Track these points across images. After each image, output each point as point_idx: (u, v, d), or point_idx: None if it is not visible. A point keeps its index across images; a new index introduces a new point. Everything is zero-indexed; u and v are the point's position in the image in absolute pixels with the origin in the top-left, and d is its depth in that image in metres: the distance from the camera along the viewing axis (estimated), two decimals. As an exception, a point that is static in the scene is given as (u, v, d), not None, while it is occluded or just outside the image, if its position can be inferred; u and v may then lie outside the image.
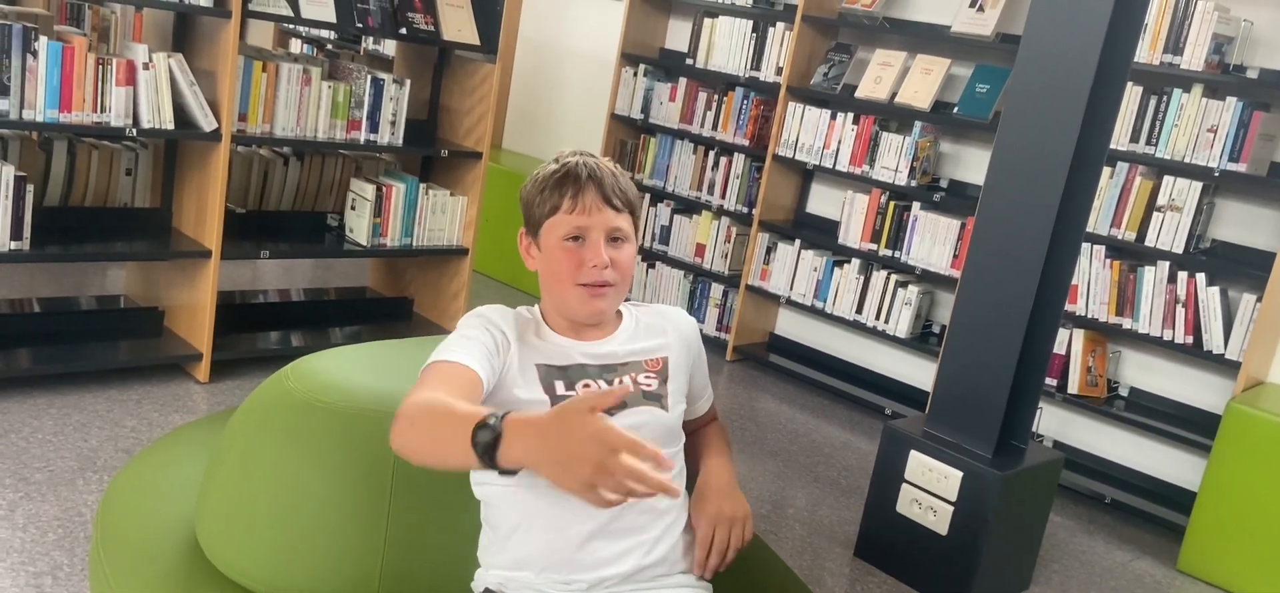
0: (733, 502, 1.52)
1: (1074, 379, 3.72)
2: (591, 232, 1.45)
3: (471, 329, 1.42)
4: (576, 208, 1.45)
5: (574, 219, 1.45)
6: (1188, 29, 3.41)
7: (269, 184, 3.78)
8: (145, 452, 1.78)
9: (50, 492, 2.59)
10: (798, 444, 3.84)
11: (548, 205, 1.47)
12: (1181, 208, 3.47)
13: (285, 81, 3.33)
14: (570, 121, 5.58)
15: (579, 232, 1.45)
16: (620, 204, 1.48)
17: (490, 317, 1.45)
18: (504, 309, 1.49)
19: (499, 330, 1.43)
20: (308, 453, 1.48)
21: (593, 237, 1.45)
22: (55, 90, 2.88)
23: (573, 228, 1.45)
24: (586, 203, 1.45)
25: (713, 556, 1.48)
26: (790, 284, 4.48)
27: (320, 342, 3.78)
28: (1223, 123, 3.38)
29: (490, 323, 1.44)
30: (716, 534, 1.48)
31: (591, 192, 1.45)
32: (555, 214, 1.46)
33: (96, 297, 3.91)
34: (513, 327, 1.46)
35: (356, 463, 1.47)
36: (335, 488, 1.46)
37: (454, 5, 3.74)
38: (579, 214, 1.45)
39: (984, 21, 3.94)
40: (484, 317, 1.45)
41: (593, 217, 1.45)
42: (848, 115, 4.27)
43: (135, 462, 1.74)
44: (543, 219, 1.48)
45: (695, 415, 1.65)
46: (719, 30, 4.68)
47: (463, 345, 1.38)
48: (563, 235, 1.46)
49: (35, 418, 2.96)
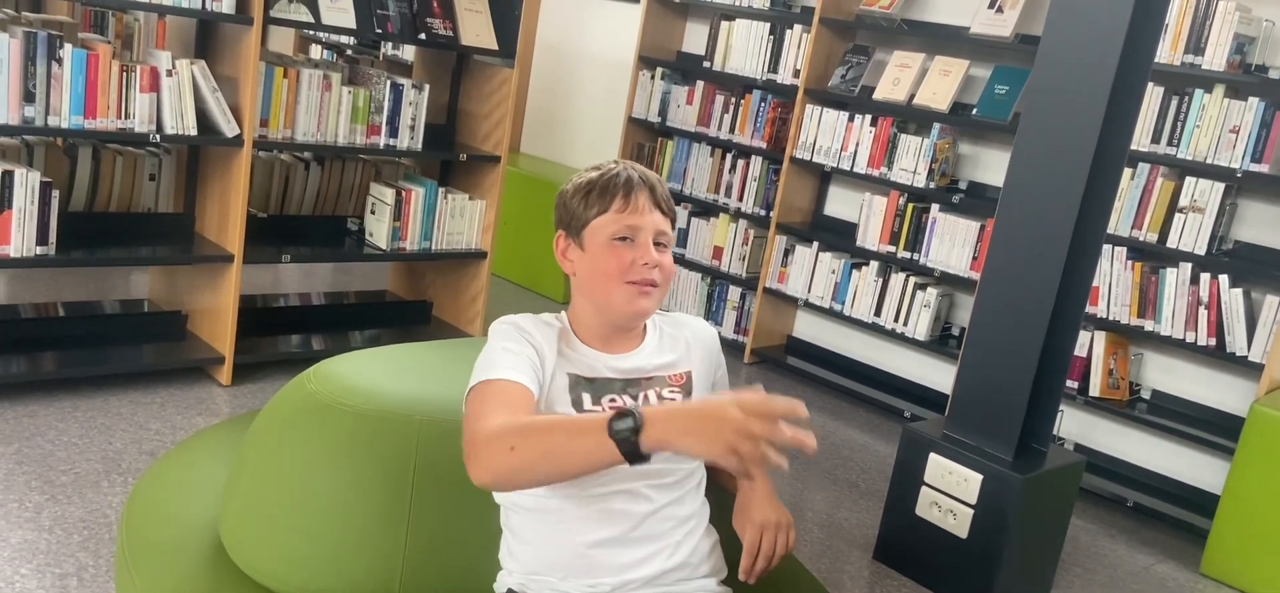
0: (776, 510, 1.53)
1: (1095, 382, 3.70)
2: (641, 232, 1.47)
3: (512, 341, 1.43)
4: (628, 208, 1.47)
5: (625, 218, 1.47)
6: (1209, 29, 3.38)
7: (290, 189, 3.82)
8: (169, 454, 1.80)
9: (76, 494, 2.62)
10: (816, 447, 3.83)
11: (596, 207, 1.48)
12: (1203, 209, 3.45)
13: (306, 87, 3.36)
14: (588, 125, 5.60)
15: (629, 231, 1.47)
16: (666, 210, 1.51)
17: (525, 327, 1.46)
18: (534, 319, 1.49)
19: (537, 341, 1.44)
20: (330, 455, 1.49)
21: (642, 237, 1.47)
22: (80, 97, 2.91)
23: (623, 227, 1.47)
24: (638, 204, 1.47)
25: (759, 560, 1.50)
26: (808, 286, 4.47)
27: (341, 345, 3.81)
28: (1245, 123, 3.34)
29: (527, 334, 1.45)
30: (763, 540, 1.50)
31: (643, 194, 1.48)
32: (604, 215, 1.48)
33: (120, 301, 3.95)
34: (545, 336, 1.47)
35: (378, 465, 1.48)
36: (357, 490, 1.47)
37: (472, 10, 3.76)
38: (630, 214, 1.47)
39: (1003, 22, 3.92)
40: (520, 327, 1.45)
41: (643, 217, 1.47)
42: (866, 117, 4.26)
43: (159, 464, 1.76)
44: (589, 220, 1.49)
45: None
46: (736, 33, 4.68)
47: (510, 361, 1.39)
48: (612, 235, 1.47)
49: (61, 421, 2.99)
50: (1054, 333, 2.74)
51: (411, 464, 1.48)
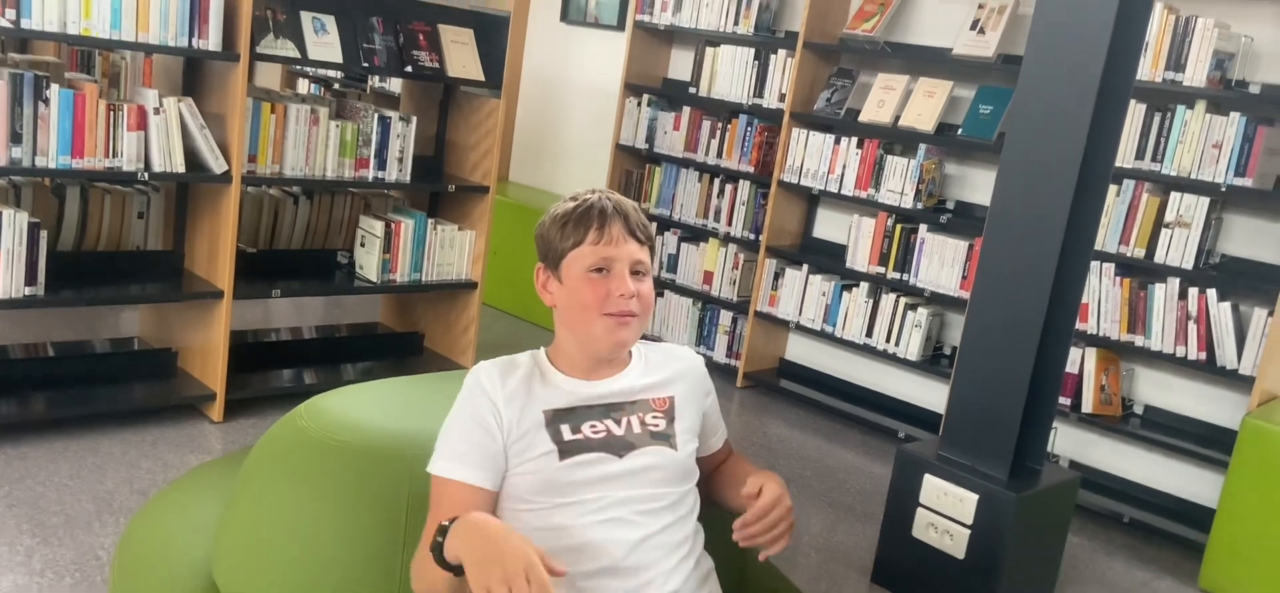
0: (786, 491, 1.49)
1: (1088, 398, 3.71)
2: (617, 262, 1.47)
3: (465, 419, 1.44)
4: (602, 239, 1.47)
5: (600, 250, 1.47)
6: (1188, 46, 3.42)
7: (279, 223, 3.81)
8: (161, 494, 1.79)
9: (67, 536, 2.60)
10: (811, 470, 3.82)
11: (571, 239, 1.48)
12: (1190, 224, 3.47)
13: (293, 122, 3.37)
14: (576, 153, 5.62)
15: (604, 263, 1.47)
16: (643, 238, 1.51)
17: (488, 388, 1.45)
18: (506, 365, 1.49)
19: (498, 401, 1.44)
20: (322, 492, 1.48)
21: (618, 268, 1.47)
22: (67, 137, 2.91)
23: (599, 259, 1.47)
24: (612, 234, 1.47)
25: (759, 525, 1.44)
26: (799, 309, 4.48)
27: (333, 379, 3.80)
28: (1227, 138, 3.38)
29: (489, 397, 1.44)
30: (776, 510, 1.45)
31: (617, 224, 1.48)
32: (579, 246, 1.48)
33: (110, 340, 3.93)
34: (507, 389, 1.45)
35: (371, 500, 1.47)
36: (350, 526, 1.46)
37: (458, 42, 3.78)
38: (605, 245, 1.47)
39: (985, 43, 3.96)
40: (482, 390, 1.45)
41: (618, 248, 1.47)
42: (852, 139, 4.29)
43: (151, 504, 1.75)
44: (566, 252, 1.49)
45: (710, 451, 1.65)
46: (721, 59, 4.71)
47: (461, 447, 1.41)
48: (588, 267, 1.47)
49: (51, 462, 2.97)
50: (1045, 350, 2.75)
51: (405, 500, 1.47)
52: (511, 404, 1.44)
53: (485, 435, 1.43)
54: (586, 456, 1.43)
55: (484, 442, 1.42)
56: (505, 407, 1.44)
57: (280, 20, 3.29)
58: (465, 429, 1.43)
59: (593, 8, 5.48)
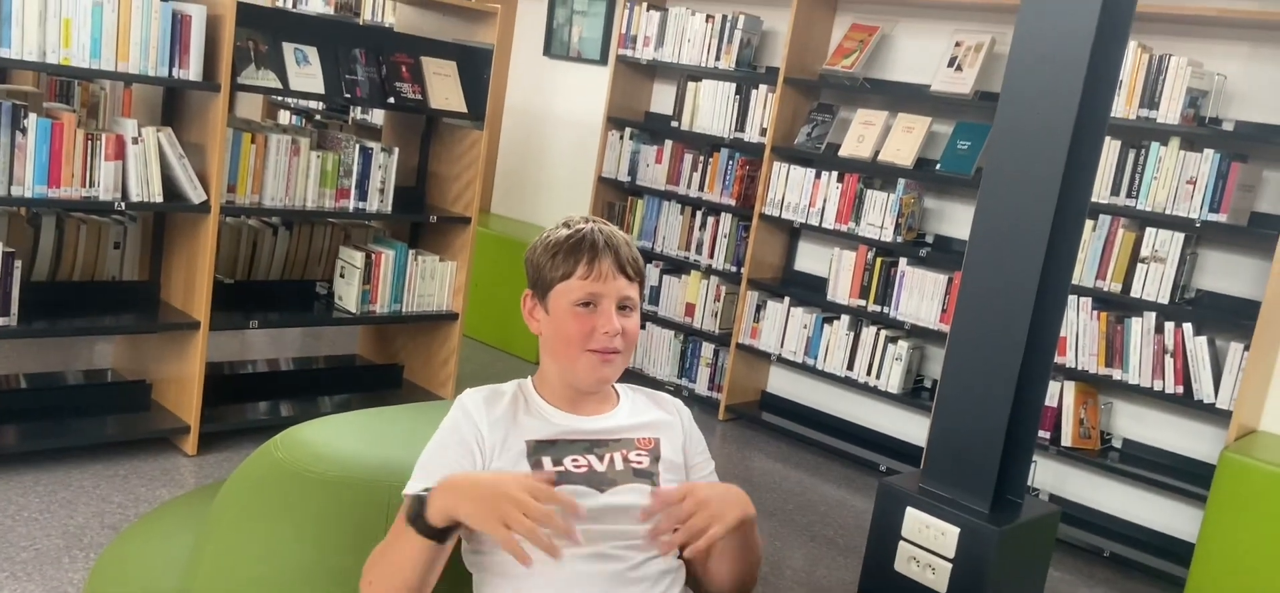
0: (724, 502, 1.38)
1: (1067, 432, 3.72)
2: (604, 299, 1.46)
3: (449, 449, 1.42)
4: (591, 274, 1.45)
5: (588, 285, 1.45)
6: (1162, 84, 3.47)
7: (258, 254, 3.79)
8: (131, 528, 1.76)
9: (36, 571, 2.54)
10: (793, 503, 3.81)
11: (561, 270, 1.47)
12: (1165, 259, 3.51)
13: (274, 152, 3.36)
14: (558, 185, 5.62)
15: (592, 297, 1.46)
16: (633, 273, 1.49)
17: (473, 415, 1.44)
18: (491, 394, 1.48)
19: (473, 429, 1.43)
20: (297, 524, 1.46)
21: (605, 304, 1.46)
22: (44, 166, 2.89)
23: (586, 294, 1.45)
24: (601, 270, 1.45)
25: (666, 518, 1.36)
26: (781, 342, 4.49)
27: (310, 411, 3.76)
28: (1201, 174, 3.42)
29: (460, 429, 1.43)
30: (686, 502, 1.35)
31: (607, 259, 1.46)
32: (568, 279, 1.46)
33: (84, 371, 3.88)
34: (491, 416, 1.44)
35: (346, 533, 1.45)
36: (325, 559, 1.44)
37: (441, 74, 3.79)
38: (594, 280, 1.45)
39: (962, 80, 4.01)
40: (468, 417, 1.44)
41: (607, 284, 1.46)
42: (832, 173, 4.32)
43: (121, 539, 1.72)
44: (554, 283, 1.48)
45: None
46: (703, 93, 4.74)
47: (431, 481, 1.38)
48: (575, 301, 1.46)
49: (21, 496, 2.92)
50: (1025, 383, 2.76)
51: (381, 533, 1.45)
52: (495, 430, 1.43)
53: (465, 455, 1.41)
54: (566, 489, 1.42)
55: (463, 461, 1.41)
56: (489, 432, 1.43)
57: (262, 51, 3.29)
58: (445, 448, 1.42)
59: (576, 42, 5.52)
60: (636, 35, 4.90)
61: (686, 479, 1.57)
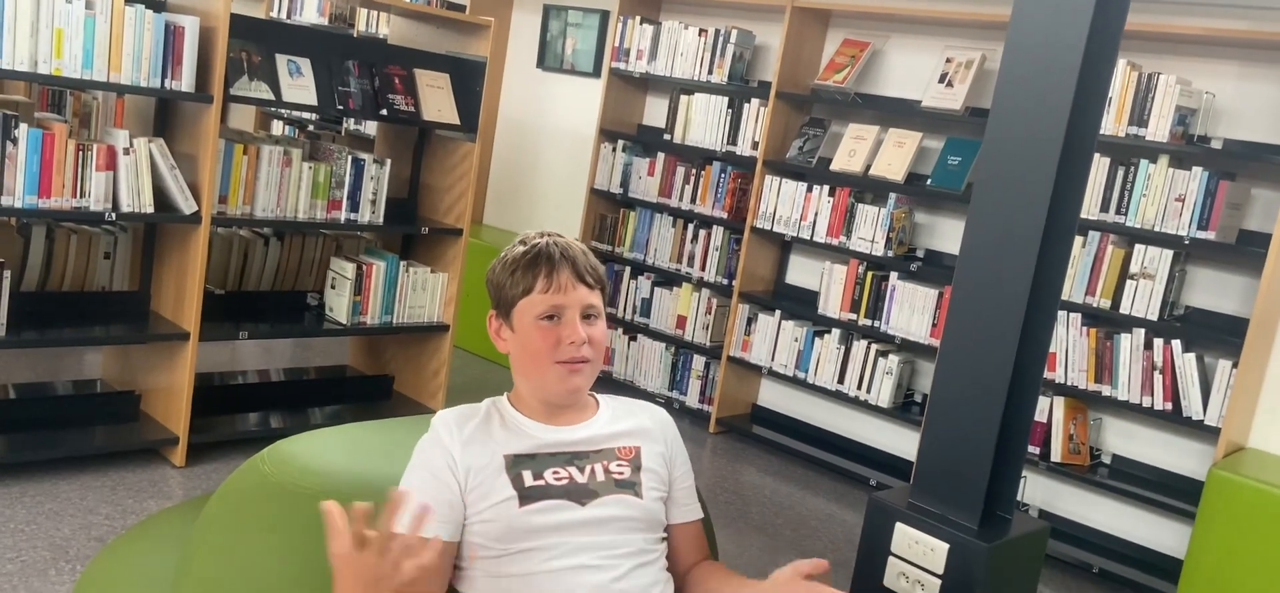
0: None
1: (1057, 447, 3.73)
2: (567, 309, 1.46)
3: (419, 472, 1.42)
4: (551, 286, 1.46)
5: (550, 298, 1.46)
6: (1151, 102, 3.49)
7: (249, 264, 3.78)
8: (117, 541, 1.75)
9: (21, 583, 2.53)
10: (783, 517, 3.81)
11: (521, 286, 1.47)
12: (1154, 276, 3.52)
13: (266, 163, 3.35)
14: (550, 197, 5.63)
15: (555, 310, 1.46)
16: (593, 281, 1.49)
17: (444, 441, 1.43)
18: (464, 414, 1.47)
19: (444, 457, 1.42)
20: (283, 539, 1.46)
21: (568, 314, 1.46)
22: (34, 176, 2.88)
23: (548, 307, 1.46)
24: (561, 281, 1.46)
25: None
26: (772, 355, 4.49)
27: (300, 422, 3.74)
28: (1190, 192, 3.44)
29: (430, 460, 1.43)
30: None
31: (566, 270, 1.47)
32: (529, 295, 1.47)
33: (73, 381, 3.86)
34: (464, 434, 1.44)
35: (334, 549, 1.44)
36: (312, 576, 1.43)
37: (434, 86, 3.79)
38: (554, 293, 1.46)
39: (953, 96, 4.03)
40: (425, 452, 1.44)
41: (568, 295, 1.46)
42: (824, 187, 4.33)
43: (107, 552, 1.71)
44: (516, 300, 1.48)
45: (683, 520, 1.60)
46: (695, 106, 4.75)
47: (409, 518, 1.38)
48: (538, 314, 1.46)
49: (7, 507, 2.90)
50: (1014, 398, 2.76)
51: (369, 547, 1.44)
52: (469, 450, 1.43)
53: (439, 486, 1.41)
54: (547, 502, 1.42)
55: (438, 493, 1.40)
56: (461, 454, 1.42)
57: (255, 62, 3.29)
58: (421, 481, 1.42)
59: (569, 55, 5.53)
60: (630, 48, 4.91)
61: (670, 490, 1.57)
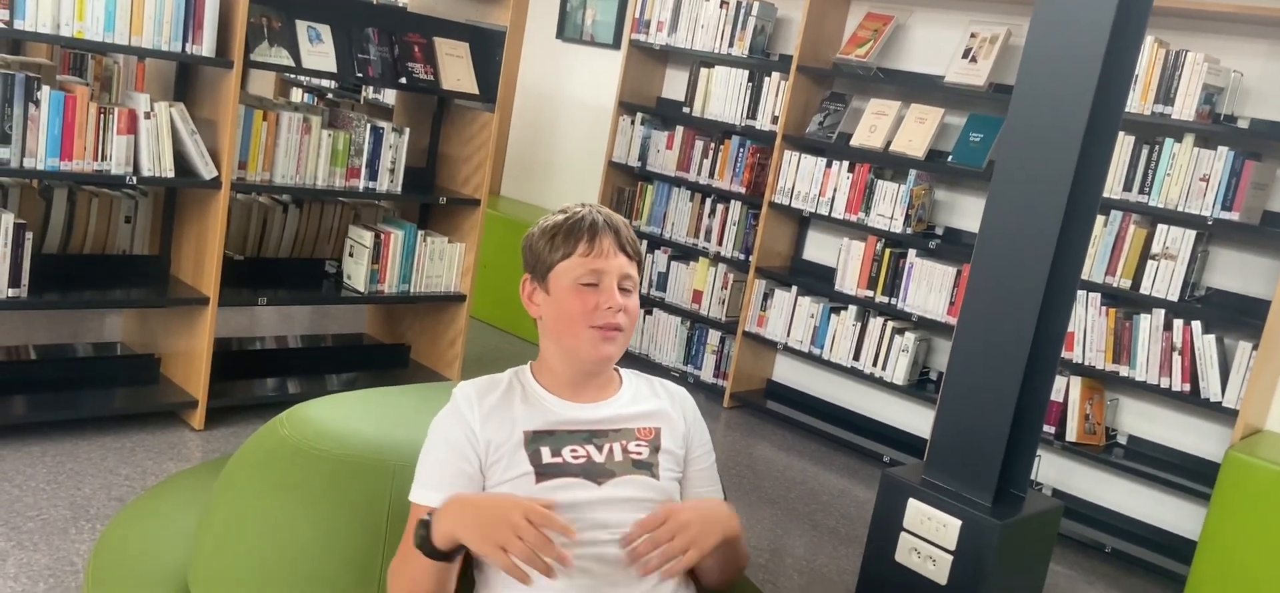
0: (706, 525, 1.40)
1: (1072, 427, 3.72)
2: (606, 276, 1.47)
3: (440, 449, 1.43)
4: (592, 252, 1.47)
5: (590, 262, 1.47)
6: (1178, 80, 3.45)
7: (268, 231, 3.80)
8: (138, 501, 1.77)
9: (42, 541, 2.57)
10: (796, 492, 3.82)
11: (561, 251, 1.48)
12: (1176, 256, 3.49)
13: (285, 130, 3.36)
14: (568, 169, 5.62)
15: (594, 275, 1.47)
16: (632, 253, 1.51)
17: (465, 414, 1.44)
18: (486, 386, 1.48)
19: (464, 430, 1.43)
20: (301, 501, 1.47)
21: (607, 281, 1.47)
22: (56, 139, 2.90)
23: (588, 272, 1.46)
24: (603, 248, 1.47)
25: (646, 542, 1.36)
26: (787, 331, 4.48)
27: (317, 388, 3.77)
28: (1215, 172, 3.40)
29: (450, 433, 1.43)
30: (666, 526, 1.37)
31: (608, 238, 1.48)
32: (569, 258, 1.47)
33: (93, 343, 3.90)
34: (484, 407, 1.44)
35: (350, 510, 1.46)
36: (329, 536, 1.45)
37: (453, 56, 3.78)
38: (595, 258, 1.47)
39: (977, 72, 3.99)
40: (459, 416, 1.44)
41: (608, 261, 1.47)
42: (843, 163, 4.30)
43: (128, 511, 1.73)
44: (554, 264, 1.48)
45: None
46: (715, 79, 4.72)
47: (436, 476, 1.41)
48: (577, 279, 1.47)
49: (29, 466, 2.94)
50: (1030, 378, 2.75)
51: (385, 510, 1.46)
52: (488, 423, 1.43)
53: (459, 459, 1.42)
54: (563, 479, 1.42)
55: (458, 466, 1.41)
56: (481, 427, 1.43)
57: (275, 28, 3.29)
58: (440, 456, 1.43)
59: (589, 26, 5.50)
60: (650, 20, 4.88)
61: (685, 471, 1.57)
